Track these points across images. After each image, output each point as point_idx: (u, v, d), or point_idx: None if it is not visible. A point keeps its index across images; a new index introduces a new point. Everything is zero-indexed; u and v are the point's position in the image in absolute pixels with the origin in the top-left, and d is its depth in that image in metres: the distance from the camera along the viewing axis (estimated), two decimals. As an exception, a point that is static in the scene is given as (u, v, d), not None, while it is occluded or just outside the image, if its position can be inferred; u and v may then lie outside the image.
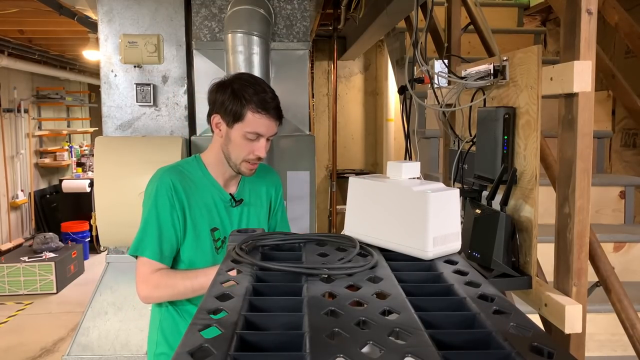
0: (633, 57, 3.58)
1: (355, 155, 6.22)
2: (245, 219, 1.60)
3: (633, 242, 2.35)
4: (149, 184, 1.52)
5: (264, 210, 1.67)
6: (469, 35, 2.24)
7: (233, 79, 1.51)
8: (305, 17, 2.73)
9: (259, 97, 1.46)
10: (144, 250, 1.45)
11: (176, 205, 1.47)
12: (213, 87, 1.52)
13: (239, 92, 1.45)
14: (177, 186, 1.48)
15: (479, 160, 1.50)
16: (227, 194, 1.57)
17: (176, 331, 1.54)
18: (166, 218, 1.46)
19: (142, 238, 1.46)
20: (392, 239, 1.04)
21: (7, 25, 4.79)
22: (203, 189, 1.53)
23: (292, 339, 0.66)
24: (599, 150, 2.93)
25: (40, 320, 5.12)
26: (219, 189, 1.56)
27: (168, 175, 1.49)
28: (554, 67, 1.28)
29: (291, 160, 2.70)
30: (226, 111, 1.47)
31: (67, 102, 7.96)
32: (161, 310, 1.57)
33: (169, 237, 1.47)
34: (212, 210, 1.53)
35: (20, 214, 7.10)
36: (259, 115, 1.46)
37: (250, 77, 1.56)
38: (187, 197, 1.49)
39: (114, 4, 2.68)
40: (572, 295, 1.27)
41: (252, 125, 1.46)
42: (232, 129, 1.48)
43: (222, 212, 1.55)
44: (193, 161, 1.58)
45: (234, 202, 1.57)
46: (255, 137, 1.48)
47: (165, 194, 1.46)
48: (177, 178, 1.49)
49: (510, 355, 0.61)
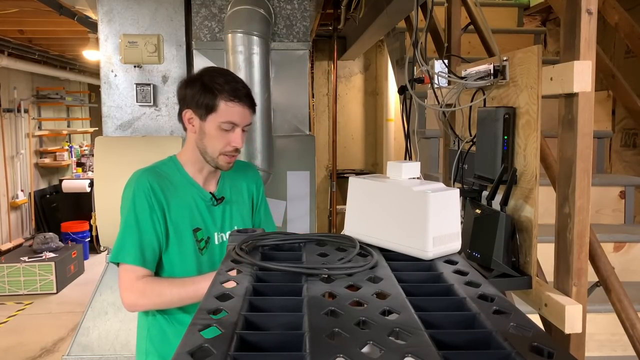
0: (633, 57, 3.58)
1: (355, 155, 6.22)
2: (229, 217, 1.56)
3: (633, 242, 2.35)
4: (126, 187, 1.47)
5: (247, 207, 1.63)
6: (469, 35, 2.24)
7: (201, 73, 1.49)
8: (305, 17, 2.73)
9: (230, 86, 1.44)
10: (126, 256, 1.41)
11: (155, 208, 1.43)
12: (182, 84, 1.50)
13: (209, 84, 1.43)
14: (155, 188, 1.44)
15: (479, 160, 1.50)
16: (208, 193, 1.53)
17: (165, 340, 1.50)
18: (146, 221, 1.42)
19: (122, 244, 1.42)
20: (392, 239, 1.04)
21: (7, 25, 4.79)
22: (182, 189, 1.49)
23: (292, 339, 0.66)
24: (599, 150, 2.93)
25: (40, 320, 5.12)
26: (198, 188, 1.52)
27: (145, 177, 1.45)
28: (554, 67, 1.28)
29: (291, 160, 2.70)
30: (198, 104, 1.44)
31: (67, 102, 7.96)
32: (148, 319, 1.53)
33: (151, 241, 1.42)
34: (193, 210, 1.49)
35: (20, 214, 7.10)
36: (232, 104, 1.43)
37: (218, 68, 1.55)
38: (166, 198, 1.45)
39: (114, 4, 2.68)
40: (572, 295, 1.27)
41: (226, 115, 1.43)
42: (205, 121, 1.45)
43: (204, 212, 1.51)
44: (169, 162, 1.54)
45: (215, 201, 1.53)
46: (230, 127, 1.45)
47: (143, 196, 1.42)
48: (154, 179, 1.45)
49: (510, 355, 0.61)
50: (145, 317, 1.54)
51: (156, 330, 1.51)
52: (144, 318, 1.55)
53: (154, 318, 1.51)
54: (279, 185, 2.68)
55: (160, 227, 1.44)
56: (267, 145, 2.50)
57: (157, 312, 1.50)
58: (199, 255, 1.48)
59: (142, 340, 1.55)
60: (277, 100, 2.71)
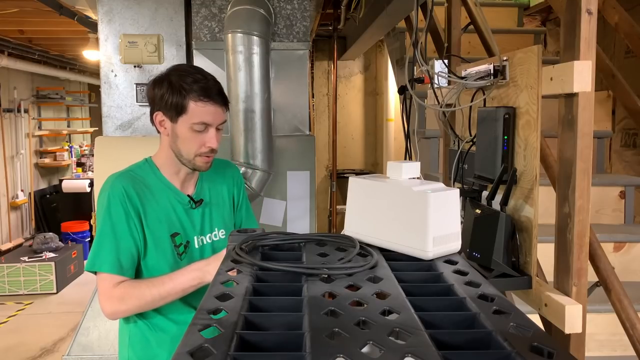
0: (633, 57, 3.59)
1: (355, 155, 6.23)
2: (208, 219, 1.52)
3: (633, 242, 2.35)
4: (101, 193, 1.41)
5: (227, 209, 1.59)
6: (469, 35, 2.24)
7: (169, 72, 1.41)
8: (305, 17, 2.73)
9: (199, 85, 1.37)
10: (102, 264, 1.36)
11: (132, 213, 1.37)
12: (150, 84, 1.43)
13: (176, 84, 1.37)
14: (130, 193, 1.38)
15: (479, 160, 1.50)
16: (185, 196, 1.47)
17: (147, 346, 1.46)
18: (122, 227, 1.37)
19: (97, 252, 1.37)
20: (392, 239, 1.04)
21: (7, 25, 4.79)
22: (158, 193, 1.44)
23: (292, 339, 0.66)
24: (599, 150, 2.93)
25: (40, 320, 5.12)
26: (175, 191, 1.47)
27: (120, 182, 1.40)
28: (554, 67, 1.28)
29: (291, 160, 2.70)
30: (167, 106, 1.38)
31: (67, 102, 7.97)
32: (129, 327, 1.48)
33: (128, 248, 1.38)
34: (170, 214, 1.44)
35: (20, 214, 7.10)
36: (202, 104, 1.37)
37: (188, 66, 1.47)
38: (142, 203, 1.40)
39: (114, 4, 2.68)
40: (572, 295, 1.27)
41: (198, 116, 1.37)
42: (176, 123, 1.39)
43: (182, 216, 1.46)
44: (144, 165, 1.49)
45: (194, 204, 1.48)
46: (203, 128, 1.39)
47: (118, 202, 1.37)
48: (129, 184, 1.40)
49: (510, 355, 0.61)
50: (126, 325, 1.50)
51: (137, 338, 1.47)
52: (124, 326, 1.51)
53: (134, 325, 1.47)
54: (279, 185, 2.68)
55: (137, 233, 1.39)
56: (267, 145, 2.50)
57: (137, 319, 1.47)
58: (177, 261, 1.44)
59: (123, 347, 1.51)
60: (277, 100, 2.71)
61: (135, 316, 1.46)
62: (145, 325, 1.46)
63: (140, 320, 1.47)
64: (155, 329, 1.46)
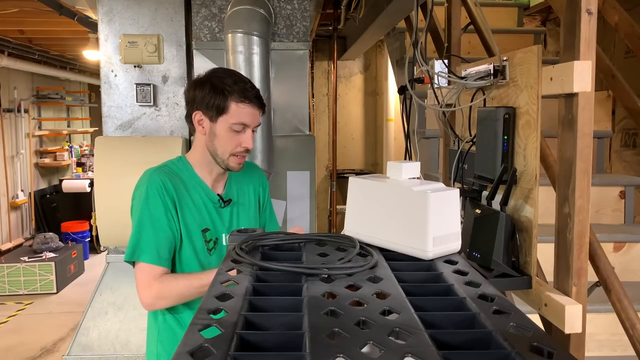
0: (633, 57, 3.58)
1: (355, 155, 6.23)
2: (236, 219, 1.57)
3: (633, 242, 2.35)
4: (138, 186, 1.47)
5: (253, 209, 1.64)
6: (469, 35, 2.24)
7: (210, 74, 1.49)
8: (305, 17, 2.73)
9: (239, 87, 1.44)
10: (141, 254, 1.40)
11: (169, 205, 1.43)
12: (190, 85, 1.50)
13: (219, 85, 1.44)
14: (167, 185, 1.44)
15: (479, 160, 1.50)
16: (215, 195, 1.53)
17: (175, 341, 1.47)
18: (161, 218, 1.42)
19: (137, 242, 1.41)
20: (392, 239, 1.04)
21: (7, 25, 4.79)
22: (192, 189, 1.50)
23: (292, 339, 0.66)
24: (599, 150, 2.93)
25: (40, 320, 5.12)
26: (206, 189, 1.52)
27: (157, 175, 1.45)
28: (554, 67, 1.28)
29: (291, 160, 2.70)
30: (208, 106, 1.44)
31: (67, 102, 7.97)
32: (157, 322, 1.52)
33: (166, 239, 1.43)
34: (202, 210, 1.50)
35: (20, 214, 7.10)
36: (243, 105, 1.44)
37: (227, 70, 1.56)
38: (178, 197, 1.46)
39: (114, 4, 2.68)
40: (572, 295, 1.27)
41: (237, 116, 1.44)
42: (216, 123, 1.46)
43: (213, 213, 1.52)
44: (179, 162, 1.54)
45: (223, 203, 1.53)
46: (241, 129, 1.46)
47: (157, 193, 1.42)
48: (166, 177, 1.46)
49: (510, 355, 0.61)
50: (155, 320, 1.53)
51: (166, 333, 1.51)
52: (153, 321, 1.54)
53: (163, 320, 1.51)
54: (279, 185, 2.68)
55: (174, 225, 1.44)
56: (267, 145, 2.50)
57: (167, 314, 1.50)
58: (207, 256, 1.49)
59: (152, 342, 1.55)
60: (277, 100, 2.71)
61: (165, 311, 1.50)
62: (175, 320, 1.50)
63: (170, 315, 1.50)
64: (184, 324, 1.49)
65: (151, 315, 1.55)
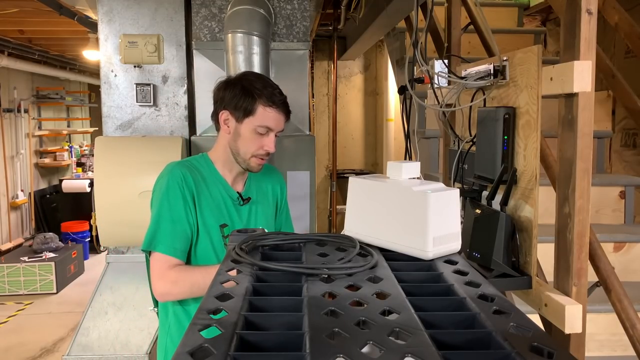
0: (633, 57, 3.58)
1: (355, 155, 6.23)
2: (254, 217, 1.60)
3: (633, 242, 2.35)
4: (159, 178, 1.50)
5: (271, 209, 1.68)
6: (469, 35, 2.24)
7: (241, 77, 1.54)
8: (305, 17, 2.73)
9: (268, 92, 1.49)
10: (157, 245, 1.43)
11: (188, 199, 1.46)
12: (220, 85, 1.54)
13: (249, 88, 1.49)
14: (188, 179, 1.47)
15: (479, 160, 1.50)
16: (235, 192, 1.57)
17: None
18: (179, 211, 1.45)
19: (154, 232, 1.44)
20: (392, 239, 1.04)
21: (7, 25, 4.79)
22: (212, 185, 1.53)
23: (292, 339, 0.65)
24: (599, 150, 2.93)
25: (40, 320, 5.12)
26: (226, 186, 1.56)
27: (179, 169, 1.49)
28: (554, 67, 1.28)
29: (291, 160, 2.70)
30: (236, 107, 1.49)
31: (67, 102, 7.96)
32: (168, 316, 1.54)
33: (183, 231, 1.45)
34: (221, 206, 1.53)
35: (20, 214, 7.10)
36: (270, 109, 1.49)
37: (258, 74, 1.62)
38: (198, 191, 1.49)
39: (114, 4, 2.68)
40: (572, 295, 1.27)
41: (263, 119, 1.48)
42: (241, 124, 1.50)
43: (231, 210, 1.55)
44: (201, 159, 1.58)
45: (242, 201, 1.57)
46: (265, 132, 1.50)
47: (177, 187, 1.46)
48: (187, 172, 1.49)
49: (510, 355, 0.61)
50: (165, 314, 1.55)
51: (176, 327, 1.53)
52: (164, 315, 1.56)
53: (173, 313, 1.52)
54: (279, 185, 2.68)
55: (192, 218, 1.47)
56: (267, 145, 2.50)
57: (177, 307, 1.51)
58: (224, 251, 1.50)
59: (163, 336, 1.57)
60: (277, 100, 2.70)
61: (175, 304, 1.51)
62: (184, 313, 1.51)
63: (179, 306, 1.52)
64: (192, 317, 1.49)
65: (162, 311, 1.57)
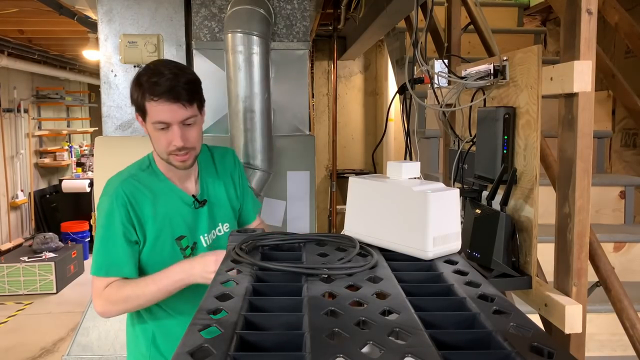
0: (633, 57, 3.58)
1: (355, 155, 6.22)
2: (213, 216, 1.52)
3: (633, 242, 2.35)
4: (102, 196, 1.41)
5: (232, 198, 1.58)
6: (469, 35, 2.24)
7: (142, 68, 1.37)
8: (305, 17, 2.73)
9: (150, 83, 1.30)
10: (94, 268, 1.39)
11: (132, 218, 1.38)
12: None
13: (137, 82, 1.33)
14: (131, 199, 1.38)
15: (479, 160, 1.50)
16: (189, 197, 1.46)
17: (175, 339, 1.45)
18: (118, 233, 1.37)
19: (94, 256, 1.39)
20: (392, 239, 1.04)
21: (7, 25, 4.79)
22: (163, 197, 1.43)
23: (292, 339, 0.66)
24: (599, 150, 2.93)
25: (40, 320, 5.12)
26: (178, 192, 1.46)
27: (122, 189, 1.39)
28: (554, 67, 1.28)
29: (291, 160, 2.70)
30: (137, 107, 1.36)
31: (67, 102, 7.96)
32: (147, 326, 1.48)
33: (124, 252, 1.38)
34: (175, 218, 1.44)
35: (20, 214, 7.09)
36: (155, 103, 1.30)
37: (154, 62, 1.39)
38: (143, 208, 1.40)
39: (114, 4, 2.68)
40: (572, 295, 1.27)
41: (154, 115, 1.32)
42: (146, 123, 1.37)
43: (188, 217, 1.46)
44: (146, 161, 1.48)
45: (198, 204, 1.47)
46: (164, 127, 1.34)
47: (120, 206, 1.37)
48: (131, 190, 1.39)
49: (510, 355, 0.61)
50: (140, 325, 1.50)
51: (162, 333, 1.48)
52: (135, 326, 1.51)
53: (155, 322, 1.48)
54: (279, 185, 2.68)
55: (137, 237, 1.39)
56: (267, 145, 2.50)
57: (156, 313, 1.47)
58: None
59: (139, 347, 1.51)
60: (277, 100, 2.70)
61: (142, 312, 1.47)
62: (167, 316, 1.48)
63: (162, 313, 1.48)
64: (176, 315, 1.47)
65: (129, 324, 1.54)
